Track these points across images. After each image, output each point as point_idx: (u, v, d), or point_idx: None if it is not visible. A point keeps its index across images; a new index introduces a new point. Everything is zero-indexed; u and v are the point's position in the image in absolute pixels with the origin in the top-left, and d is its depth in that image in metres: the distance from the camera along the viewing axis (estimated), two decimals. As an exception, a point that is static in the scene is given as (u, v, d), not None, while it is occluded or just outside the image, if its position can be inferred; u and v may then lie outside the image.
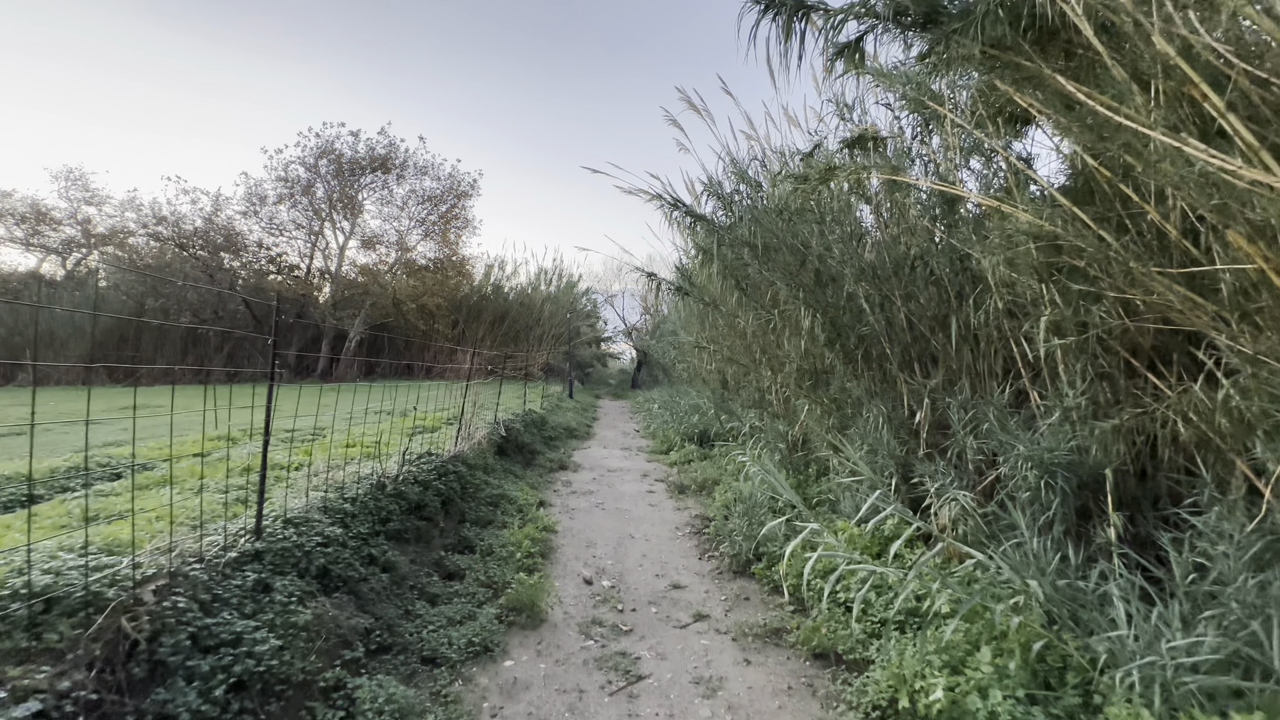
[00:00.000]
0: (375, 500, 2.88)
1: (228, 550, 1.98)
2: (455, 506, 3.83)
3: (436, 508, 3.48)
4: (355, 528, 2.58)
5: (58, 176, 20.64)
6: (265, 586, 1.96)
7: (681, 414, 9.89)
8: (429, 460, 3.84)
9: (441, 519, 3.54)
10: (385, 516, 2.90)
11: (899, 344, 4.82)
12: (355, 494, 2.79)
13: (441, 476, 3.79)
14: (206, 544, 1.95)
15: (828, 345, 5.21)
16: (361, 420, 6.06)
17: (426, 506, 3.37)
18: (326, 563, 2.22)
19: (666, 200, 5.99)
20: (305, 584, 2.06)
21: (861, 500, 4.38)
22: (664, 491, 6.15)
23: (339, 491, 2.74)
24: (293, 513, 2.35)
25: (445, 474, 3.88)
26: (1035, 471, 3.30)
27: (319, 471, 3.05)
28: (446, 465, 4.00)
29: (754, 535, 4.03)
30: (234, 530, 2.16)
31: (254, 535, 2.13)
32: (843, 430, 5.46)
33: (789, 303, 5.69)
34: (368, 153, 19.55)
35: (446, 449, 4.38)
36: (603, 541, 4.37)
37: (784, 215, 5.58)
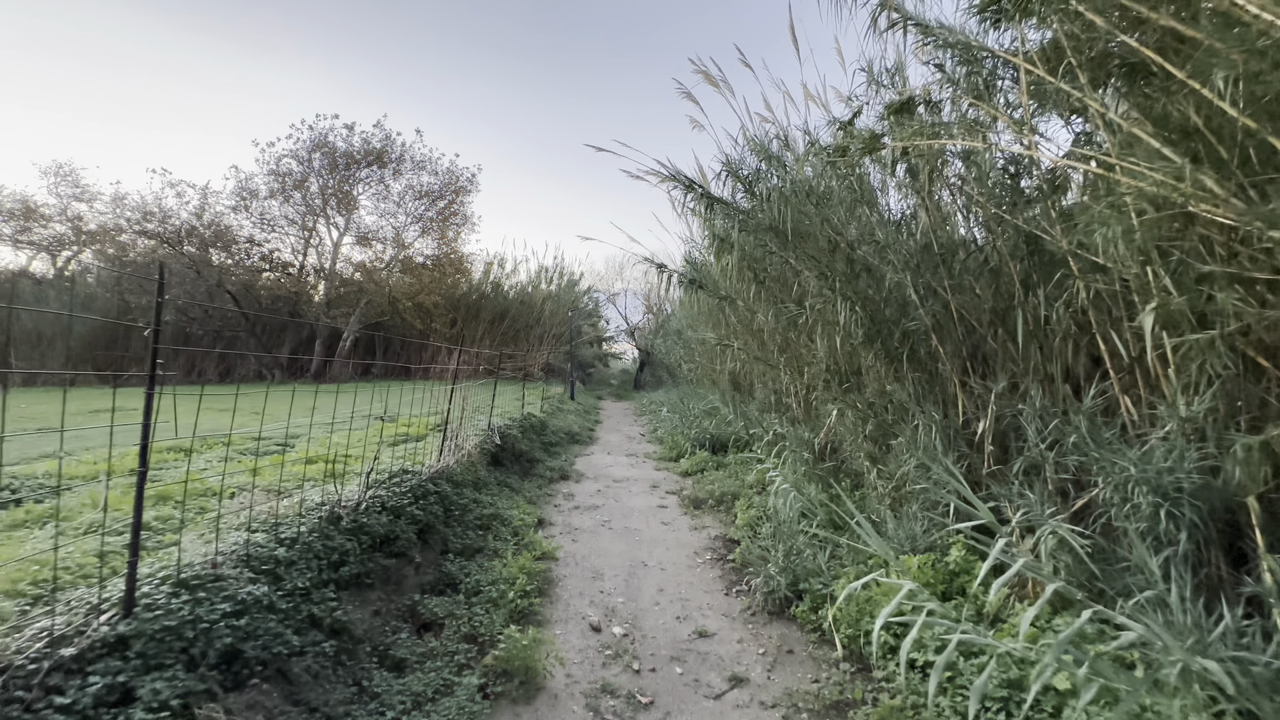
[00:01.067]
0: (325, 540, 2.26)
1: (66, 642, 1.34)
2: (437, 534, 3.21)
3: (411, 539, 2.86)
4: (291, 580, 1.95)
5: (47, 172, 20.07)
6: (124, 695, 1.34)
7: (693, 418, 9.25)
8: (405, 479, 3.22)
9: (418, 552, 2.92)
10: (338, 559, 2.28)
11: (951, 341, 4.18)
12: (296, 532, 2.17)
13: (420, 499, 3.17)
14: (36, 631, 1.32)
15: (865, 343, 4.59)
16: (345, 425, 5.44)
17: (398, 539, 2.75)
18: (237, 640, 1.59)
19: (680, 182, 5.36)
20: (197, 679, 1.44)
21: (914, 524, 3.75)
22: (677, 506, 5.52)
23: (272, 531, 2.12)
24: (194, 569, 1.71)
25: (425, 495, 3.26)
26: (1151, 497, 2.66)
27: (256, 502, 2.43)
28: (427, 484, 3.37)
29: (791, 567, 3.40)
30: (103, 601, 1.53)
31: (122, 611, 1.51)
32: (882, 439, 4.83)
33: (819, 295, 5.06)
34: (363, 146, 18.94)
35: (429, 463, 3.76)
36: (611, 571, 3.74)
37: (812, 197, 4.95)
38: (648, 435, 10.47)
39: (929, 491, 3.88)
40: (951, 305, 4.16)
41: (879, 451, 4.80)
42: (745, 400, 9.39)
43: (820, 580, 3.26)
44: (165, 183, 16.75)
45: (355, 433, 5.90)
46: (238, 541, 1.96)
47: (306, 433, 5.72)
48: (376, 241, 20.17)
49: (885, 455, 4.81)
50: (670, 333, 19.37)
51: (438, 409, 7.37)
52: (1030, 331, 3.74)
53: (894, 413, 4.67)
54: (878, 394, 4.72)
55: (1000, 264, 4.06)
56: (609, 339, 28.58)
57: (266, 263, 18.90)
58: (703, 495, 5.61)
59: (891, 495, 4.35)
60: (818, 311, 4.75)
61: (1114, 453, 2.93)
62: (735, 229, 5.00)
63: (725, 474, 6.51)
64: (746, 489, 5.73)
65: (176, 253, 16.52)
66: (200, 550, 1.86)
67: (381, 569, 2.54)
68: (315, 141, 18.32)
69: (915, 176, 4.16)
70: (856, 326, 4.48)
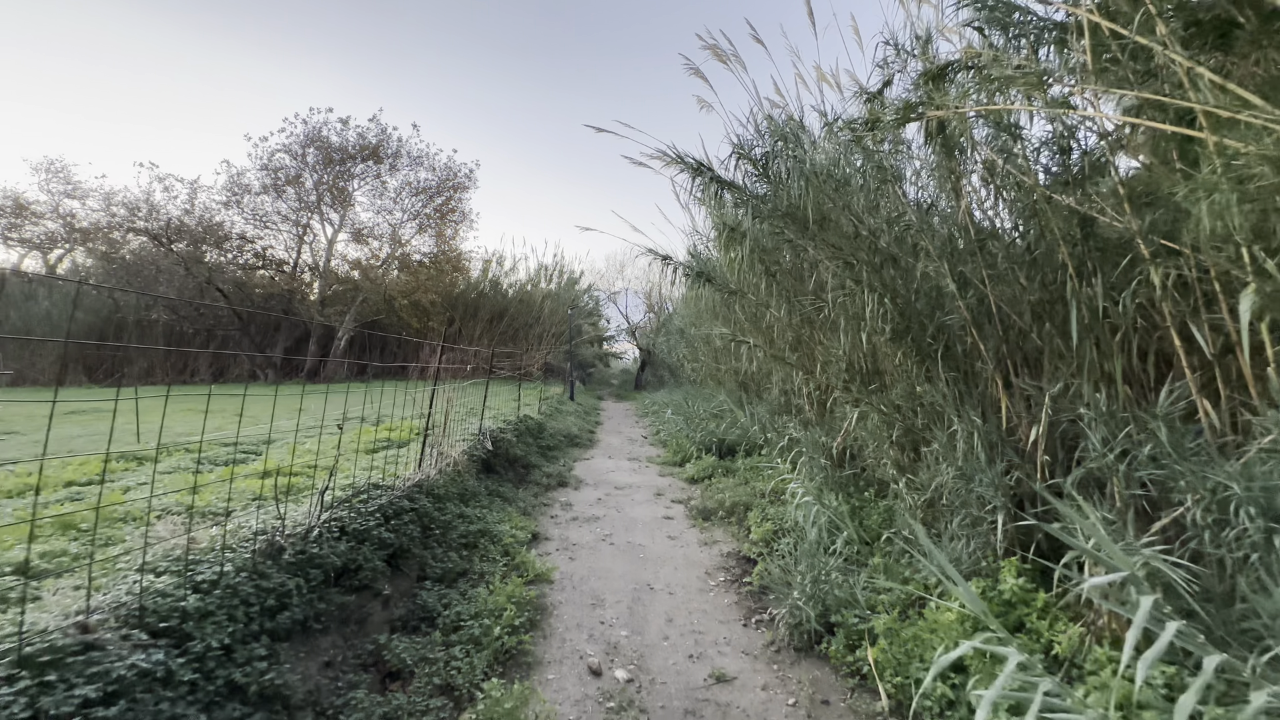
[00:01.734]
0: (257, 580, 1.82)
1: None
2: (412, 559, 2.79)
3: (378, 568, 2.43)
4: (205, 638, 1.52)
5: (38, 168, 19.66)
6: None
7: (699, 420, 8.82)
8: (374, 496, 2.78)
9: (388, 582, 2.49)
10: (276, 604, 1.84)
11: (993, 338, 3.75)
12: (218, 572, 1.73)
13: (392, 519, 2.74)
14: None
15: (893, 339, 4.15)
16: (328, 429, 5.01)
17: (361, 569, 2.32)
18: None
19: (687, 165, 4.93)
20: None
21: (959, 545, 3.31)
22: (684, 517, 5.09)
23: (185, 573, 1.68)
24: (52, 637, 1.26)
25: (398, 514, 2.83)
26: (1262, 521, 2.23)
27: (182, 530, 2.00)
28: (401, 501, 2.94)
29: (820, 595, 2.97)
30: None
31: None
32: (911, 446, 4.40)
33: (841, 287, 4.63)
34: (358, 140, 18.51)
35: (407, 475, 3.33)
36: (614, 596, 3.31)
37: (832, 180, 4.52)
38: (650, 438, 10.04)
39: (970, 506, 3.45)
40: (990, 298, 3.73)
41: (907, 459, 4.37)
42: (752, 401, 8.96)
43: (856, 613, 2.82)
44: (153, 177, 16.26)
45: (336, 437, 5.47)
46: (129, 589, 1.52)
47: (283, 437, 5.29)
48: (372, 239, 19.75)
49: (914, 463, 4.38)
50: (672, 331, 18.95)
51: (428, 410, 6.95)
52: (1085, 326, 3.31)
53: (924, 416, 4.24)
54: (906, 395, 4.29)
55: (1047, 251, 3.63)
56: (609, 338, 28.15)
57: (260, 260, 18.48)
58: (712, 505, 5.18)
59: (924, 509, 3.92)
60: (840, 305, 4.31)
61: (1204, 465, 2.50)
62: (749, 215, 4.57)
63: (735, 481, 6.08)
64: (759, 498, 5.29)
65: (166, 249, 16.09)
66: (78, 604, 1.42)
67: (338, 608, 2.11)
68: (309, 136, 17.89)
69: (951, 153, 3.72)
70: (884, 321, 4.05)
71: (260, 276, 18.58)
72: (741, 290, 5.86)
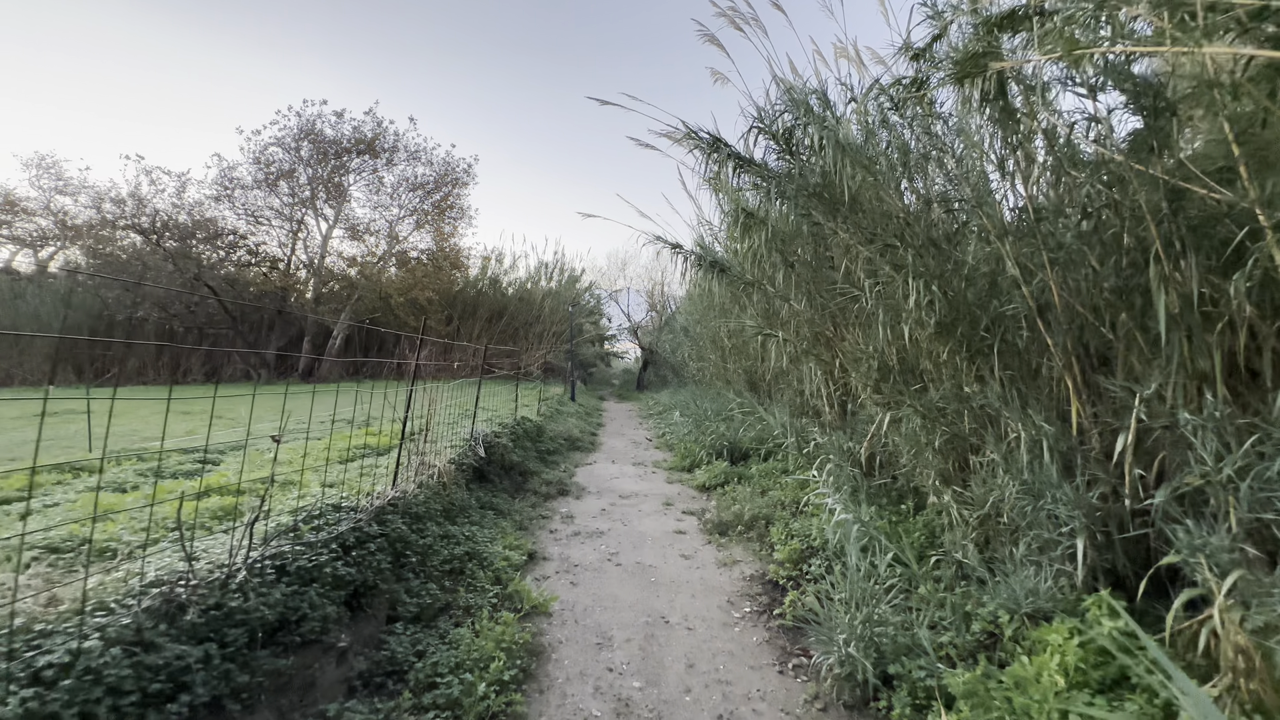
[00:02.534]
0: (136, 653, 1.32)
1: None
2: (379, 596, 2.29)
3: (332, 614, 1.93)
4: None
5: (28, 164, 19.18)
6: None
7: (708, 422, 8.31)
8: (331, 522, 2.28)
9: (345, 630, 2.00)
10: (168, 687, 1.32)
11: (1060, 331, 3.25)
12: (73, 649, 1.23)
13: (353, 549, 2.25)
14: None
15: (939, 333, 3.66)
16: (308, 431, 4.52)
17: (307, 619, 1.82)
18: None
19: (700, 141, 4.44)
20: None
21: (1029, 574, 2.81)
22: (698, 531, 4.59)
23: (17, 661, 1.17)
24: None
25: (362, 542, 2.33)
26: None
27: (60, 578, 1.50)
28: (368, 526, 2.44)
29: (872, 638, 2.47)
30: None
31: None
32: (958, 455, 3.90)
33: (873, 276, 4.13)
34: (353, 134, 18.03)
35: (378, 491, 2.83)
36: (623, 633, 2.81)
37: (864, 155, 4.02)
38: (655, 440, 9.54)
39: (1040, 527, 2.95)
40: (1053, 286, 3.23)
41: (953, 469, 3.87)
42: (764, 403, 8.46)
43: (922, 665, 2.32)
44: (140, 170, 15.78)
45: (317, 441, 4.98)
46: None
47: (257, 442, 4.80)
48: (368, 235, 19.26)
49: (962, 474, 3.89)
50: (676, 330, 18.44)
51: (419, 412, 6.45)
52: (1175, 317, 2.81)
53: (973, 420, 3.75)
54: (952, 396, 3.79)
55: (1123, 230, 3.13)
56: (611, 337, 27.67)
57: (252, 256, 17.99)
58: (728, 518, 4.68)
59: (977, 527, 3.42)
60: (877, 295, 3.81)
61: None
62: (772, 194, 4.07)
63: (750, 489, 5.58)
64: (779, 509, 4.80)
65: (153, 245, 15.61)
66: None
67: (270, 676, 1.62)
68: (303, 129, 17.41)
69: (1012, 117, 3.21)
70: (928, 312, 3.56)
71: (254, 273, 18.09)
72: (759, 282, 5.36)
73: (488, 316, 22.16)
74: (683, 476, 6.69)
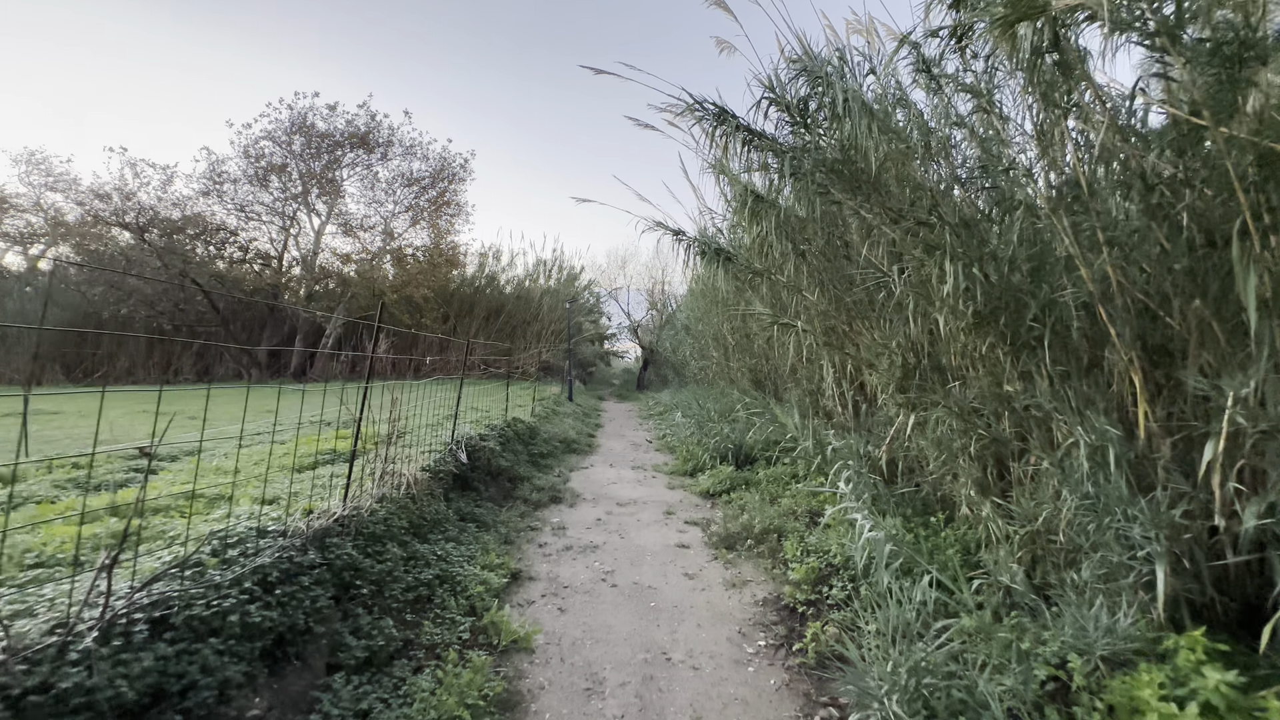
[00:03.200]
0: None
1: None
2: (314, 641, 1.85)
3: (233, 677, 1.48)
4: None
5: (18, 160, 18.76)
6: None
7: (711, 423, 7.88)
8: (249, 552, 1.82)
9: (260, 691, 1.57)
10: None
11: (1124, 320, 2.83)
12: None
13: (278, 584, 1.80)
14: None
15: (977, 324, 3.22)
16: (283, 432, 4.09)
17: (195, 689, 1.36)
18: None
19: (707, 112, 4.01)
20: None
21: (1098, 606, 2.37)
22: (702, 544, 4.16)
23: None
24: None
25: (292, 575, 1.89)
26: None
27: None
28: (300, 555, 1.99)
29: (919, 689, 2.03)
30: None
31: None
32: (996, 460, 3.47)
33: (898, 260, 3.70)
34: (346, 127, 17.60)
35: (327, 508, 2.39)
36: (617, 675, 2.38)
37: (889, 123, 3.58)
38: (655, 442, 9.11)
39: (1107, 549, 2.52)
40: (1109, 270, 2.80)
41: (991, 478, 3.44)
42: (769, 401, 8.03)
43: None
44: (124, 162, 15.35)
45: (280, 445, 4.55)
46: None
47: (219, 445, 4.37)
48: (362, 231, 18.82)
49: (1001, 483, 3.45)
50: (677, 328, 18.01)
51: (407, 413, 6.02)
52: (1266, 302, 2.38)
53: (1015, 422, 3.31)
54: (990, 395, 3.36)
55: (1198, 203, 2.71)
56: (611, 336, 27.25)
57: (243, 253, 17.56)
58: (736, 530, 4.24)
59: (1026, 547, 2.99)
60: (905, 281, 3.37)
61: None
62: (785, 171, 3.64)
63: (758, 497, 5.15)
64: (791, 519, 4.36)
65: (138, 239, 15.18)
66: None
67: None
68: (294, 122, 16.98)
69: (1070, 73, 2.78)
70: (965, 300, 3.12)
71: (245, 270, 17.66)
72: (768, 271, 4.93)
73: (485, 315, 21.73)
74: (685, 482, 6.26)
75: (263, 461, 3.36)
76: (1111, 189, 2.82)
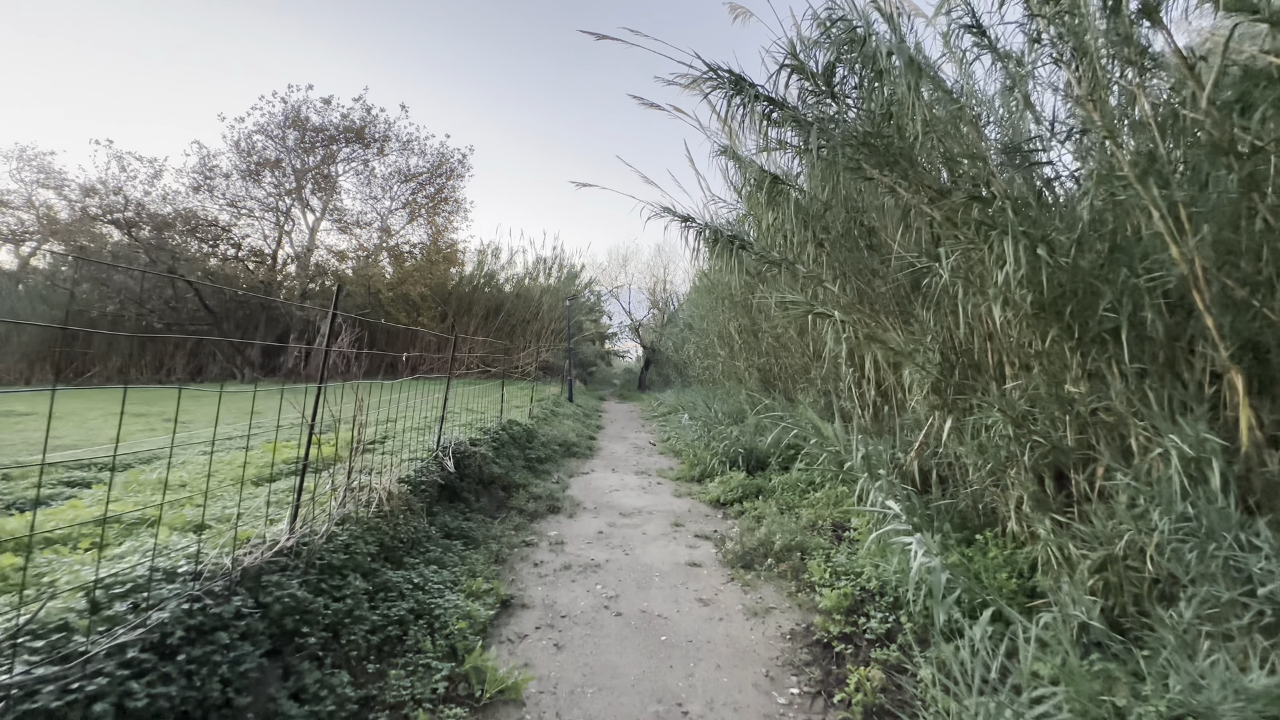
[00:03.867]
0: None
1: None
2: (234, 716, 1.43)
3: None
4: None
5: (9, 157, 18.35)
6: None
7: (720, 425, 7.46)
8: (145, 606, 1.38)
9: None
10: None
11: (1222, 313, 2.41)
12: None
13: (182, 648, 1.38)
14: None
15: (1037, 314, 2.81)
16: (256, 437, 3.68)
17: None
18: None
19: (722, 80, 3.59)
20: None
21: (1215, 657, 1.95)
22: (716, 563, 3.74)
23: None
24: None
25: (206, 633, 1.46)
26: None
27: None
28: (226, 599, 1.55)
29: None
30: None
31: None
32: (1054, 472, 3.04)
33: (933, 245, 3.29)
34: (341, 121, 17.18)
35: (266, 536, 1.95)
36: (622, 736, 1.96)
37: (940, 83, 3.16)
38: (659, 445, 8.69)
39: (1214, 581, 2.10)
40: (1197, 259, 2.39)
41: (1049, 493, 3.01)
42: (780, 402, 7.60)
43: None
44: (110, 155, 14.94)
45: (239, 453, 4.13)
46: None
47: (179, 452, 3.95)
48: (357, 227, 18.41)
49: (1062, 497, 3.03)
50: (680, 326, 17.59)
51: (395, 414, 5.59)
52: None
53: (1077, 429, 2.89)
54: (1049, 397, 2.94)
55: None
56: (612, 335, 26.83)
57: (236, 249, 17.15)
58: (752, 545, 3.82)
59: (1097, 574, 2.56)
60: (952, 267, 2.94)
61: None
62: (813, 144, 3.21)
63: (774, 506, 4.73)
64: (815, 535, 3.95)
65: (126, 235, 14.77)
66: None
67: None
68: (288, 116, 16.56)
69: (1154, 15, 2.36)
70: (1025, 286, 2.70)
71: (237, 267, 17.24)
72: (786, 261, 4.50)
73: (483, 313, 21.32)
74: (693, 489, 5.84)
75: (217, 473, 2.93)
76: (1212, 152, 2.40)
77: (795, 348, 7.31)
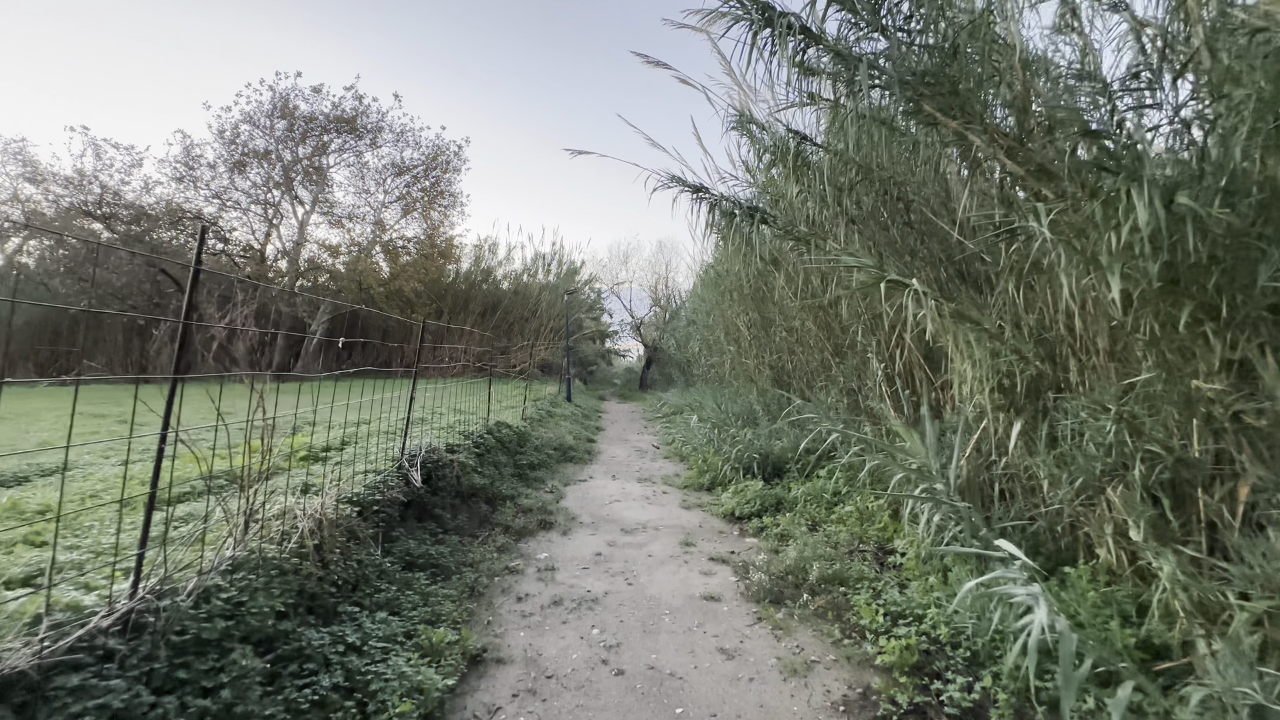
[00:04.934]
0: None
1: None
2: None
3: None
4: None
5: (-8, 150, 17.70)
6: None
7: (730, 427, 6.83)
8: None
9: None
10: None
11: None
12: None
13: None
14: None
15: (1166, 288, 2.18)
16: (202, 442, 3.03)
17: None
18: None
19: (749, 7, 2.96)
20: None
21: None
22: (737, 595, 3.09)
23: None
24: None
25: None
26: None
27: None
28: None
29: None
30: None
31: None
32: (1174, 492, 2.40)
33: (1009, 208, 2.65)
34: (332, 110, 16.55)
35: (80, 607, 1.32)
36: None
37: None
38: (663, 448, 8.06)
39: None
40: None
41: (1169, 518, 2.37)
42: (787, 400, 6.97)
43: None
44: (86, 143, 14.31)
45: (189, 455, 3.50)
46: None
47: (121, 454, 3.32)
48: (349, 221, 17.77)
49: (1187, 525, 2.39)
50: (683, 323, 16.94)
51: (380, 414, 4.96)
52: None
53: (1210, 433, 2.25)
54: (1168, 396, 2.30)
55: None
56: (613, 333, 26.20)
57: (223, 243, 16.53)
58: (780, 573, 3.18)
59: (1253, 626, 1.92)
60: (1059, 233, 2.29)
61: None
62: (863, 78, 2.57)
63: (798, 521, 4.10)
64: (856, 561, 3.30)
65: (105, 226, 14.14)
66: None
67: None
68: (275, 104, 15.92)
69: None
70: (1154, 250, 2.06)
71: (223, 261, 16.63)
72: (816, 236, 3.86)
73: (480, 311, 20.70)
74: (703, 499, 5.20)
75: (103, 494, 2.29)
76: None
77: (813, 341, 6.66)
